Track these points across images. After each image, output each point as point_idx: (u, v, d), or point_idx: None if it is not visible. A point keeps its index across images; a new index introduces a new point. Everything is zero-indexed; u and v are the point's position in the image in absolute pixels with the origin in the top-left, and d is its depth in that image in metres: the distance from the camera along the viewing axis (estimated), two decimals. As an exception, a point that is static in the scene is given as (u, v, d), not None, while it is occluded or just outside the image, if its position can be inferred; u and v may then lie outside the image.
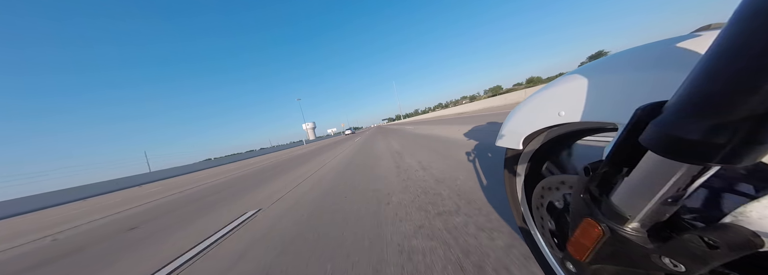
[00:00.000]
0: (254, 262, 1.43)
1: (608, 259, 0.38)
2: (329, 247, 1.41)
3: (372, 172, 3.36)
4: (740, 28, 0.20)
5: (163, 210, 3.96)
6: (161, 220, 3.15)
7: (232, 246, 1.74)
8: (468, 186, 1.92)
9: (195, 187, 6.51)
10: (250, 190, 4.07)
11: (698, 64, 0.24)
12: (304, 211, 2.21)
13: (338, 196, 2.47)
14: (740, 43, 0.20)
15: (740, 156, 0.21)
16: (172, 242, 2.13)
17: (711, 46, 0.23)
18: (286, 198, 2.87)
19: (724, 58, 0.21)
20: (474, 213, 1.45)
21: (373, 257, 1.21)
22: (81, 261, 2.13)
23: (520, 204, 0.81)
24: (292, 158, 10.15)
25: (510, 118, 0.71)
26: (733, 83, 0.20)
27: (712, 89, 0.22)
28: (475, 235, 1.22)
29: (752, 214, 0.27)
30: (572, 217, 0.43)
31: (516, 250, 1.03)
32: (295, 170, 5.46)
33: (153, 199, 5.65)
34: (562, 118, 0.52)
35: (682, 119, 0.24)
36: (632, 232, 0.34)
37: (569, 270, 0.45)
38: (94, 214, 4.91)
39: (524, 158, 0.75)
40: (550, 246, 0.68)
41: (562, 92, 0.53)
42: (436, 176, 2.42)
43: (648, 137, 0.27)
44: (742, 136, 0.20)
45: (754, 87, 0.19)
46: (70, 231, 3.55)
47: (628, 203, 0.33)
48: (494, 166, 2.29)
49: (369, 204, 2.01)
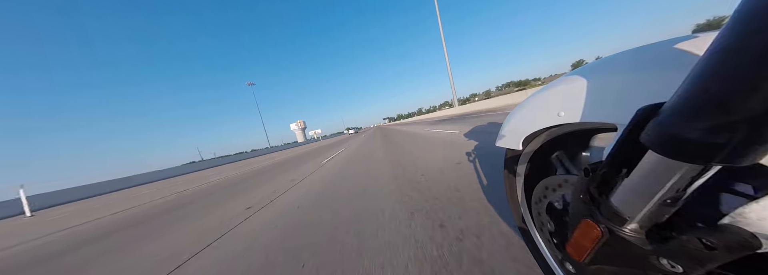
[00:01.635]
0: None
1: (607, 260, 0.38)
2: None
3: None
4: (741, 27, 0.20)
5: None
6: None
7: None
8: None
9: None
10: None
11: (699, 64, 0.24)
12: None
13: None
14: (741, 42, 0.20)
15: (740, 156, 0.21)
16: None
17: (711, 45, 0.23)
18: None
19: (725, 57, 0.21)
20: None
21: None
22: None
23: (520, 205, 0.81)
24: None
25: (510, 118, 0.71)
26: (734, 83, 0.20)
27: (713, 88, 0.22)
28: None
29: (751, 216, 0.27)
30: (571, 218, 0.43)
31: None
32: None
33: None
34: (562, 118, 0.51)
35: (683, 119, 0.24)
36: (631, 233, 0.34)
37: (568, 271, 0.45)
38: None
39: (524, 159, 0.75)
40: (549, 246, 0.68)
41: (562, 93, 0.53)
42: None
43: (649, 137, 0.27)
44: (743, 136, 0.20)
45: (754, 87, 0.19)
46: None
47: (627, 205, 0.33)
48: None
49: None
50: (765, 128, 0.20)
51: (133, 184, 16.65)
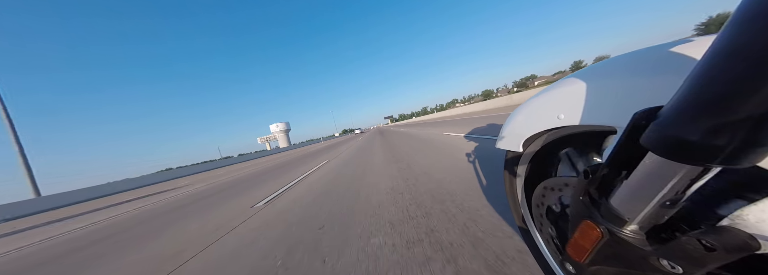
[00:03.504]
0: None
1: (607, 261, 0.38)
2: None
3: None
4: (741, 29, 0.20)
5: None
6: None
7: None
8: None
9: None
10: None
11: (698, 66, 0.24)
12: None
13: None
14: (741, 44, 0.20)
15: (740, 158, 0.21)
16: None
17: (710, 47, 0.23)
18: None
19: (725, 59, 0.21)
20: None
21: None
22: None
23: (520, 205, 0.81)
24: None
25: (510, 120, 0.72)
26: (734, 84, 0.20)
27: (712, 90, 0.22)
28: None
29: (749, 217, 0.27)
30: (572, 219, 0.43)
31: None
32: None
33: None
34: (562, 121, 0.52)
35: (683, 121, 0.24)
36: (631, 234, 0.34)
37: (569, 272, 0.45)
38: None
39: (524, 160, 0.75)
40: (549, 247, 0.68)
41: (562, 95, 0.53)
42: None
43: (649, 138, 0.28)
44: (743, 137, 0.21)
45: (754, 88, 0.19)
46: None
47: (626, 206, 0.34)
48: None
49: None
50: (764, 129, 0.20)
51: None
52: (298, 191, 3.58)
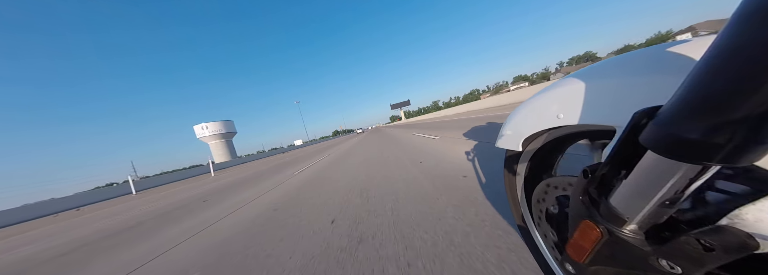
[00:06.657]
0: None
1: (607, 261, 0.38)
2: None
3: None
4: (741, 28, 0.20)
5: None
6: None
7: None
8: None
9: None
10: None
11: (698, 65, 0.24)
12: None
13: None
14: (741, 43, 0.20)
15: (739, 156, 0.22)
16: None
17: (710, 47, 0.23)
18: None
19: (725, 58, 0.21)
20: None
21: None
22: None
23: (520, 204, 0.81)
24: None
25: (510, 119, 0.71)
26: (734, 83, 0.20)
27: (712, 88, 0.22)
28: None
29: (748, 217, 0.27)
30: (571, 219, 0.43)
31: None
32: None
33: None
34: (561, 120, 0.52)
35: (682, 119, 0.24)
36: (630, 234, 0.34)
37: (568, 271, 0.45)
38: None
39: (524, 159, 0.75)
40: (549, 246, 0.68)
41: (561, 95, 0.53)
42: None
43: (648, 137, 0.28)
44: (742, 136, 0.21)
45: (754, 87, 0.19)
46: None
47: (626, 206, 0.34)
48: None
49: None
50: (763, 128, 0.20)
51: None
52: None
